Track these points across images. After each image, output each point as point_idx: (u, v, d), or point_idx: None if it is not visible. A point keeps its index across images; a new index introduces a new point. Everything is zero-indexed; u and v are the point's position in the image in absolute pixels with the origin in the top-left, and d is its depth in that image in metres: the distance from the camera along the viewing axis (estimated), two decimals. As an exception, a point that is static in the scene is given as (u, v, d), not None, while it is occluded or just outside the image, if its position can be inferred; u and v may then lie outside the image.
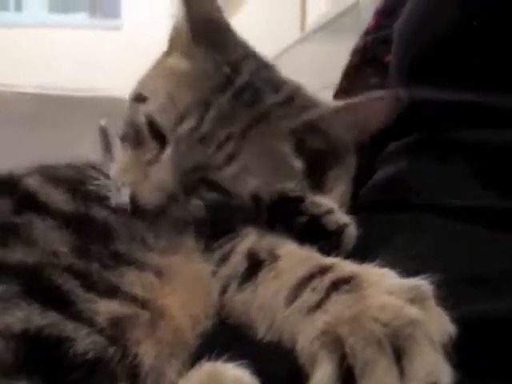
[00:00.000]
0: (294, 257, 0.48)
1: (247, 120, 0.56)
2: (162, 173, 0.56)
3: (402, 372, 0.35)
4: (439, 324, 0.37)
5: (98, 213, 0.55)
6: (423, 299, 0.38)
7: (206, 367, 0.40)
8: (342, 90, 0.85)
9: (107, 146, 2.34)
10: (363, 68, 0.80)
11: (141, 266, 0.50)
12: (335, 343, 0.37)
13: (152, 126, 0.58)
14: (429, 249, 0.47)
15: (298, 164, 0.59)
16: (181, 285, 0.50)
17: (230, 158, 0.55)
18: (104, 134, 2.35)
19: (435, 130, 0.61)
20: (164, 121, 0.57)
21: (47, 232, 0.51)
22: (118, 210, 0.56)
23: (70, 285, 0.46)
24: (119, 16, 4.41)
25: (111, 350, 0.42)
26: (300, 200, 0.55)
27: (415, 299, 0.38)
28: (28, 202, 0.54)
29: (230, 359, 0.40)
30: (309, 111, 0.59)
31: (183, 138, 0.56)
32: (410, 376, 0.34)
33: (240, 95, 0.57)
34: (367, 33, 0.82)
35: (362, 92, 0.76)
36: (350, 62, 0.85)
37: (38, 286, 0.45)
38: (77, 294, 0.45)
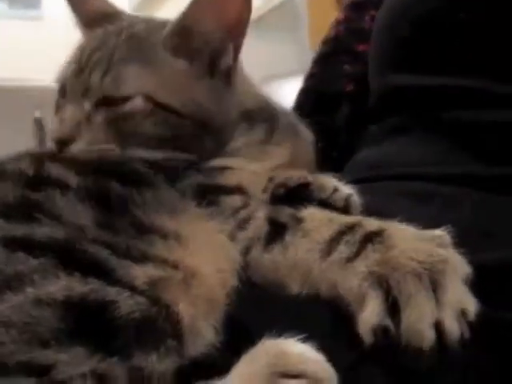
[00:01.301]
0: (318, 218, 0.52)
1: (115, 42, 0.65)
2: (65, 111, 0.65)
3: (436, 300, 0.41)
4: (461, 264, 0.44)
5: (109, 184, 0.56)
6: (445, 246, 0.45)
7: (269, 345, 0.41)
8: (312, 76, 0.90)
9: (42, 138, 2.27)
10: (336, 56, 0.86)
11: (161, 232, 0.52)
12: (380, 281, 0.43)
13: (59, 89, 0.68)
14: (434, 210, 0.53)
15: (179, 63, 0.65)
16: (201, 245, 0.52)
17: (105, 73, 0.63)
18: (39, 125, 2.28)
19: (417, 111, 0.67)
20: (61, 78, 0.67)
21: (69, 206, 0.51)
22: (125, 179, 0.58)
23: (103, 254, 0.47)
24: (39, 7, 4.28)
25: (154, 309, 0.44)
26: (305, 185, 0.59)
27: (439, 245, 0.45)
28: (40, 180, 0.54)
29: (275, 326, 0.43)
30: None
31: (69, 78, 0.66)
32: (443, 303, 0.41)
33: (111, 32, 0.67)
34: (338, 23, 0.88)
35: (337, 78, 0.81)
36: (321, 50, 0.90)
37: (73, 258, 0.46)
38: (112, 262, 0.46)
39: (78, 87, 0.64)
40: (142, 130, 0.63)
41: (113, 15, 0.73)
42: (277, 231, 0.53)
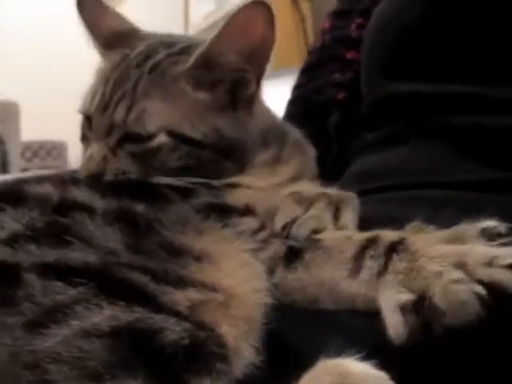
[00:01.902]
0: (334, 237, 0.54)
1: (137, 75, 0.64)
2: (92, 146, 0.65)
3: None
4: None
5: (134, 205, 0.56)
6: (464, 237, 0.48)
7: (331, 365, 0.41)
8: (300, 86, 0.91)
9: (3, 154, 2.21)
10: (324, 65, 0.87)
11: (193, 253, 0.52)
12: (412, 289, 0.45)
13: (85, 118, 0.68)
14: (454, 214, 0.55)
15: (201, 95, 0.64)
16: (233, 265, 0.52)
17: (129, 109, 0.63)
18: (-1, 140, 2.21)
19: (415, 119, 0.69)
20: (86, 110, 0.67)
21: (98, 230, 0.51)
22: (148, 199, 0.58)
23: (143, 280, 0.46)
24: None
25: (202, 333, 0.44)
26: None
27: (458, 239, 0.49)
28: (67, 205, 0.54)
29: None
30: (196, 51, 0.65)
31: (94, 112, 0.65)
32: (471, 269, 0.44)
33: (132, 62, 0.66)
34: (324, 33, 0.89)
35: (327, 87, 0.83)
36: (307, 60, 0.91)
37: (112, 285, 0.45)
38: (152, 288, 0.46)
39: (103, 123, 0.64)
40: (166, 163, 0.64)
41: (130, 34, 0.72)
42: (296, 251, 0.55)
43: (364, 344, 0.43)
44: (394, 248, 0.49)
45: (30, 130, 2.96)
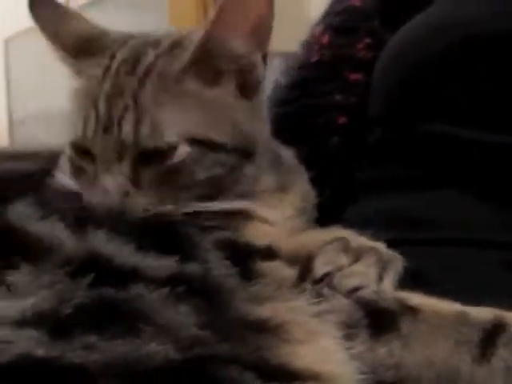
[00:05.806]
0: (438, 309, 0.48)
1: (133, 84, 0.56)
2: (103, 179, 0.54)
3: None
4: None
5: (185, 266, 0.45)
6: None
7: None
8: (291, 102, 0.83)
9: None
10: (322, 83, 0.80)
11: (277, 331, 0.43)
12: None
13: (77, 149, 0.57)
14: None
15: (211, 92, 0.57)
16: (319, 338, 0.45)
17: (137, 123, 0.54)
18: None
19: (460, 165, 0.65)
20: (81, 139, 0.56)
21: (167, 309, 0.39)
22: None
23: (247, 378, 0.37)
24: None
25: None
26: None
27: None
28: (101, 264, 0.42)
29: None
30: (191, 44, 0.58)
31: (93, 139, 0.55)
32: None
33: (120, 71, 0.57)
34: (321, 47, 0.81)
35: (327, 108, 0.76)
36: (299, 75, 0.83)
37: None
38: None
39: (109, 147, 0.54)
40: (194, 177, 0.55)
41: (100, 38, 0.62)
42: (382, 317, 0.47)
43: None
44: None
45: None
